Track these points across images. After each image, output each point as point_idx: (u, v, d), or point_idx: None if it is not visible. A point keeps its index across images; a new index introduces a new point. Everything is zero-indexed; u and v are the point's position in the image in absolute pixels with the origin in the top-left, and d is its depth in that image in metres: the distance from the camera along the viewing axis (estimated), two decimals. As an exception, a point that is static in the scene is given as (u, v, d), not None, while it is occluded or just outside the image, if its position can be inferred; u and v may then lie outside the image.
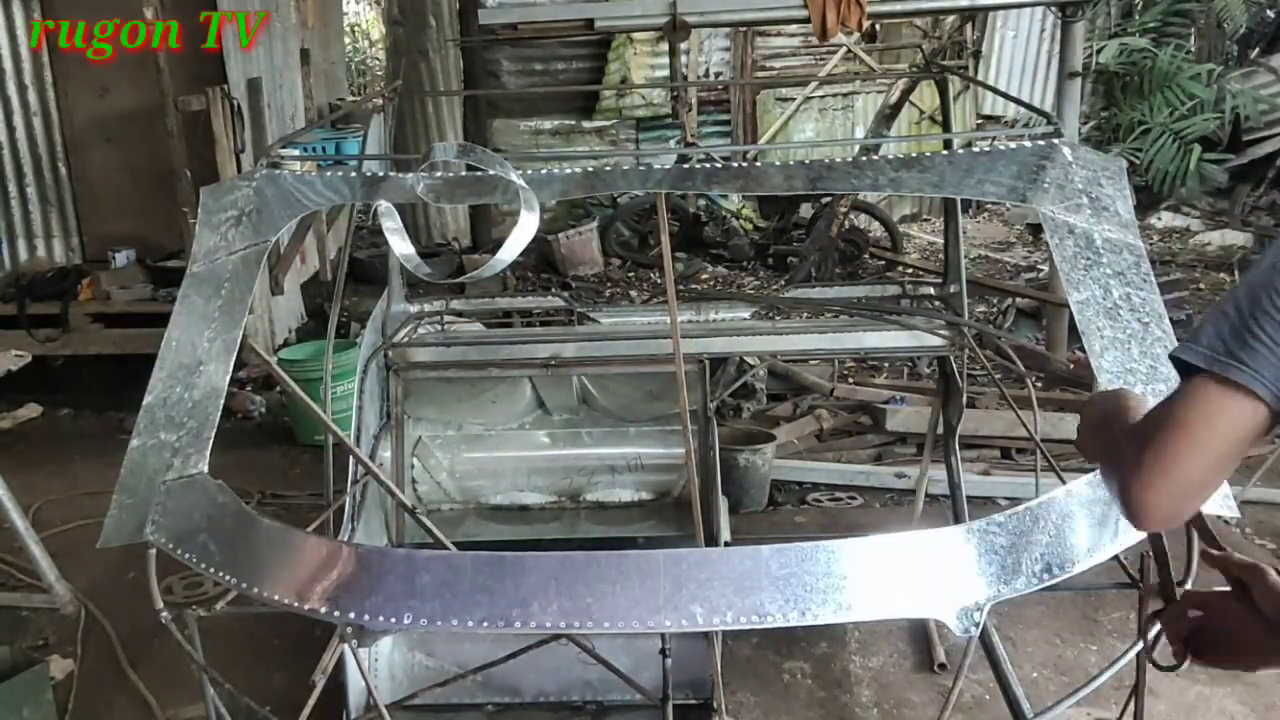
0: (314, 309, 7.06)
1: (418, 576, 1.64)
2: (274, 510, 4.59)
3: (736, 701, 3.25)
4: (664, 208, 2.44)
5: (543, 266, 8.51)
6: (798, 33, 9.33)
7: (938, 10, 6.68)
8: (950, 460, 3.57)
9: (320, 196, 2.52)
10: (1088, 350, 2.02)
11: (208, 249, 2.29)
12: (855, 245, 8.13)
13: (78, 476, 4.95)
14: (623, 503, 3.75)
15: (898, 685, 3.35)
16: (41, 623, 3.83)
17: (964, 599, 1.59)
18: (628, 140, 9.41)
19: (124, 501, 1.92)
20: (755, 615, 1.55)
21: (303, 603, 1.66)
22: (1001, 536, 1.69)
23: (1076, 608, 3.64)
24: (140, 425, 2.01)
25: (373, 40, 16.86)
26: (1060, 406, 4.96)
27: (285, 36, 7.35)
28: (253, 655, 3.42)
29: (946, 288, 3.54)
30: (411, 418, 3.61)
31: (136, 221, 6.44)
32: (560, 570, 1.61)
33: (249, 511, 1.87)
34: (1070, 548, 1.67)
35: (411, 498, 3.65)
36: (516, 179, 2.15)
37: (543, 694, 3.07)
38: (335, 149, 7.28)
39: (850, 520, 4.37)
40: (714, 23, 7.02)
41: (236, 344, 2.11)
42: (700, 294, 7.23)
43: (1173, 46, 8.98)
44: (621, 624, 1.58)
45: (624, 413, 3.73)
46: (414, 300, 3.60)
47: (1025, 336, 6.22)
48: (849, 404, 5.28)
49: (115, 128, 6.41)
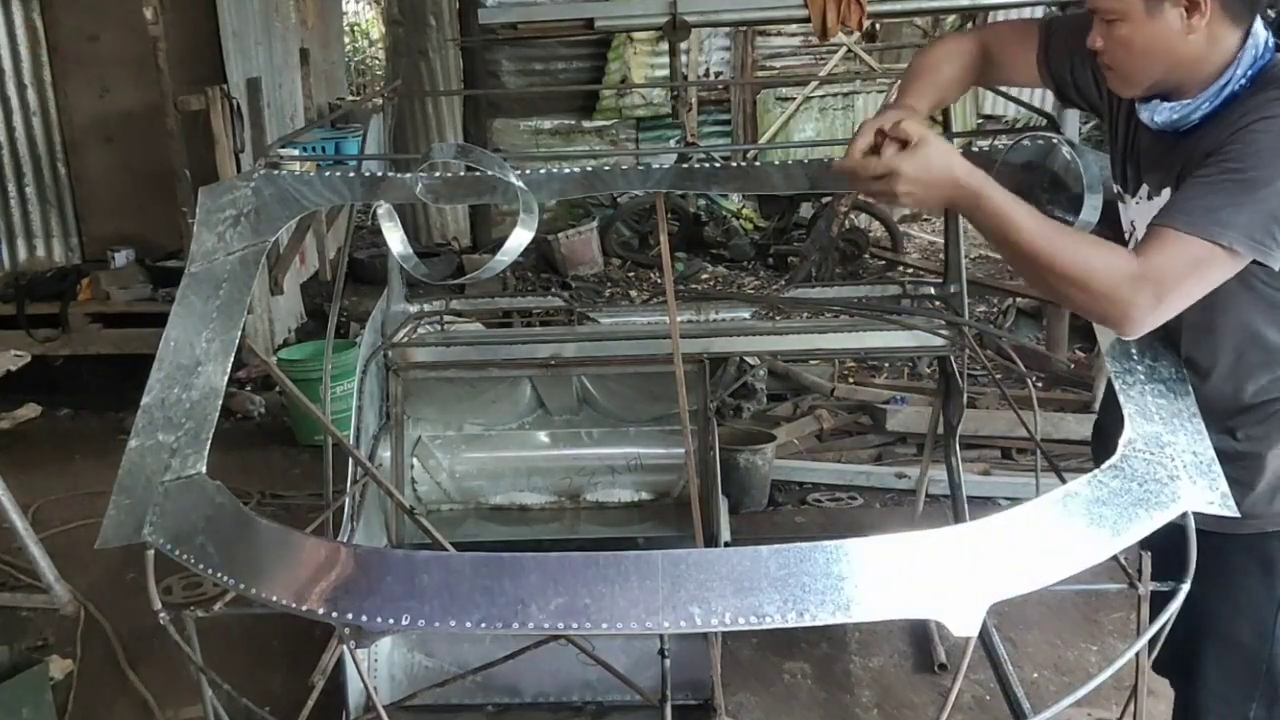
0: (313, 309, 7.05)
1: (417, 577, 1.64)
2: (273, 511, 4.59)
3: (736, 702, 3.24)
4: (664, 208, 2.43)
5: (543, 266, 8.51)
6: (798, 32, 9.33)
7: (938, 10, 6.70)
8: (950, 460, 3.57)
9: (319, 196, 2.51)
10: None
11: (206, 249, 2.28)
12: (855, 245, 8.13)
13: (77, 477, 4.95)
14: (622, 503, 3.75)
15: (898, 686, 3.35)
16: (41, 623, 3.82)
17: (964, 599, 1.59)
18: (628, 140, 9.41)
19: (122, 502, 1.91)
20: (754, 616, 1.55)
21: (301, 604, 1.65)
22: (1001, 536, 1.68)
23: (1076, 608, 3.63)
24: (138, 426, 2.01)
25: (373, 40, 16.88)
26: (1061, 406, 4.96)
27: (285, 36, 7.36)
28: (252, 656, 3.42)
29: (947, 288, 3.54)
30: (411, 418, 3.60)
31: (136, 221, 6.43)
32: (559, 571, 1.61)
33: (247, 512, 1.86)
34: (1070, 548, 1.66)
35: (411, 498, 3.65)
36: (515, 180, 2.15)
37: (542, 694, 3.06)
38: (335, 149, 7.28)
39: (850, 520, 4.37)
40: (714, 22, 7.03)
41: (235, 344, 2.10)
42: (700, 294, 7.23)
43: (1173, 46, 8.96)
44: (620, 625, 1.58)
45: (624, 413, 3.73)
46: (414, 300, 3.60)
47: (1025, 336, 6.22)
48: (849, 404, 5.28)
49: (115, 128, 6.41)
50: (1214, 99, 1.74)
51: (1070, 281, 1.69)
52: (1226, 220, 1.64)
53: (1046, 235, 1.70)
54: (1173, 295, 1.68)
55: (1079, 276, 1.68)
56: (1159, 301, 1.68)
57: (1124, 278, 1.67)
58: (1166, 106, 1.78)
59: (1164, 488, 1.74)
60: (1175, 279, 1.67)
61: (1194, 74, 1.75)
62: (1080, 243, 1.72)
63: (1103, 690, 2.64)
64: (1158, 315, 1.71)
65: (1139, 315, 1.69)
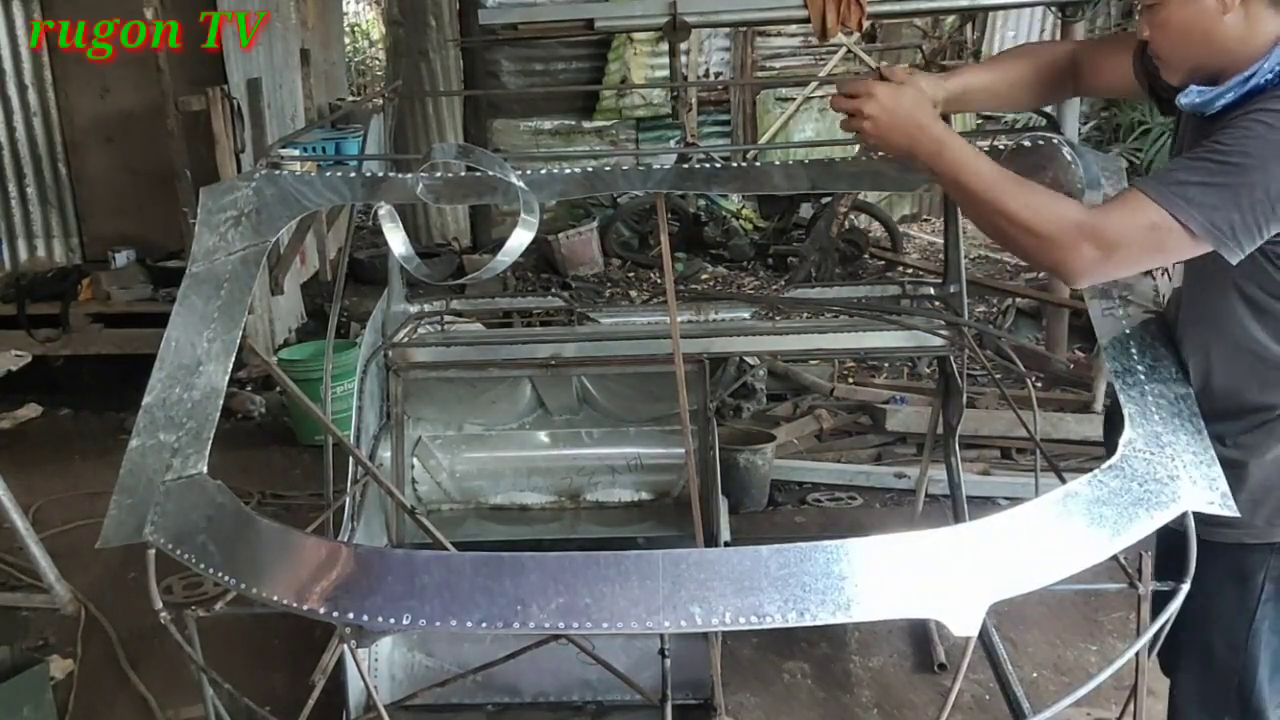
0: (314, 309, 7.06)
1: (417, 577, 1.64)
2: (274, 511, 4.59)
3: (736, 702, 3.25)
4: (664, 208, 2.43)
5: (543, 266, 8.51)
6: (798, 33, 9.32)
7: (938, 10, 6.70)
8: (950, 460, 3.57)
9: (320, 197, 2.51)
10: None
11: (207, 249, 2.28)
12: (855, 245, 8.13)
13: (78, 477, 4.95)
14: (622, 503, 3.75)
15: (898, 686, 3.35)
16: (41, 623, 3.83)
17: (964, 599, 1.59)
18: (628, 140, 9.41)
19: (123, 502, 1.92)
20: (754, 615, 1.55)
21: (302, 603, 1.66)
22: (1001, 536, 1.69)
23: (1076, 608, 3.64)
24: (139, 425, 2.01)
25: (373, 40, 16.87)
26: (1060, 406, 4.96)
27: (285, 36, 7.36)
28: (252, 656, 3.42)
29: (946, 288, 3.54)
30: (411, 418, 3.61)
31: (136, 221, 6.44)
32: (559, 570, 1.61)
33: (248, 512, 1.86)
34: (1070, 547, 1.67)
35: (411, 498, 3.65)
36: (515, 180, 2.15)
37: (542, 694, 3.07)
38: (335, 149, 7.28)
39: (850, 520, 4.37)
40: (714, 23, 7.02)
41: (236, 344, 2.11)
42: (700, 294, 7.22)
43: (1173, 46, 8.95)
44: (620, 624, 1.58)
45: (624, 413, 3.73)
46: (414, 300, 3.60)
47: (1025, 336, 6.22)
48: (849, 404, 5.28)
49: (115, 128, 6.42)
50: (1238, 89, 1.71)
51: (1020, 226, 1.73)
52: (1193, 198, 1.64)
53: (1002, 183, 1.75)
54: (1120, 253, 1.70)
55: (1027, 221, 1.72)
56: (1104, 256, 1.69)
57: (1069, 224, 1.70)
58: (1195, 89, 1.77)
59: (1164, 488, 1.75)
60: (1126, 239, 1.68)
61: (1234, 60, 1.72)
62: (1034, 191, 1.75)
63: (1102, 690, 2.64)
64: (1103, 270, 1.73)
65: (1080, 264, 1.71)
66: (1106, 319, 2.06)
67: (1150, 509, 1.72)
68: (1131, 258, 1.72)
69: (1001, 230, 1.77)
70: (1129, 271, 1.80)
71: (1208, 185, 1.64)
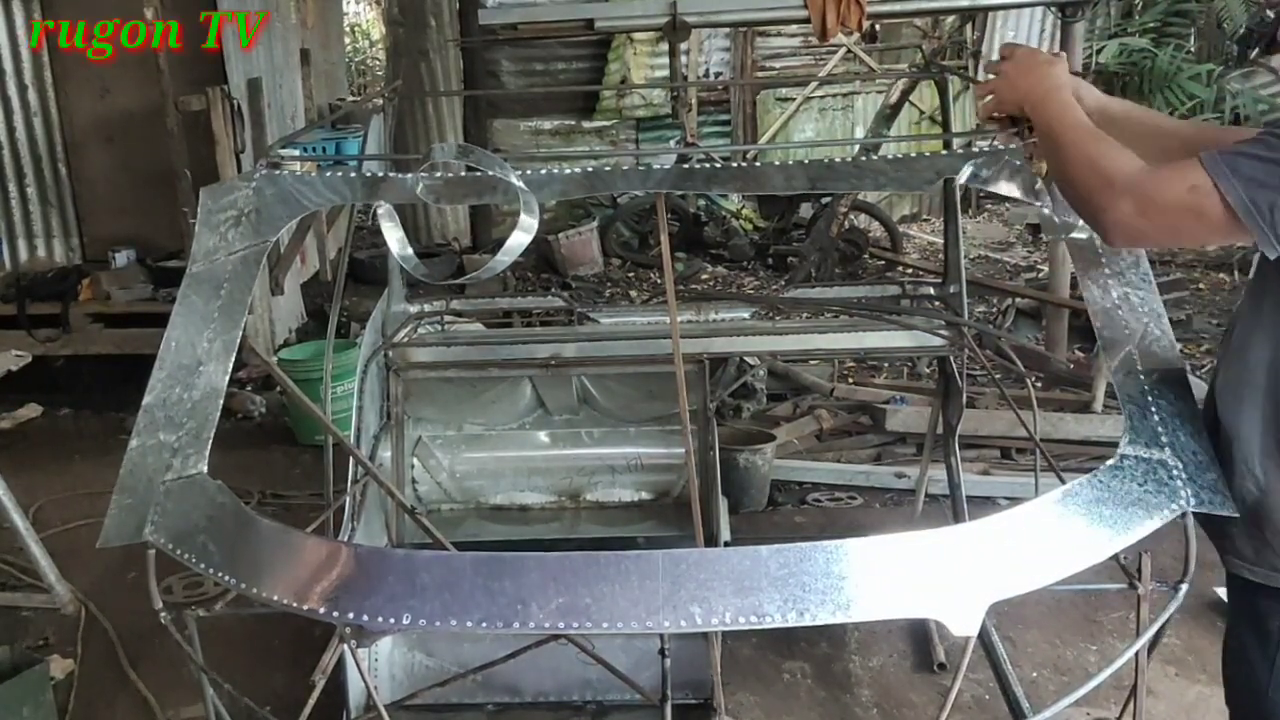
0: (314, 309, 7.06)
1: (417, 577, 1.64)
2: (274, 510, 4.59)
3: (736, 702, 3.25)
4: (664, 208, 2.44)
5: (543, 266, 8.51)
6: (798, 33, 9.33)
7: (938, 10, 6.69)
8: (950, 460, 3.57)
9: (320, 197, 2.51)
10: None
11: (207, 249, 2.29)
12: (855, 245, 8.13)
13: (78, 477, 4.95)
14: (622, 503, 3.76)
15: (898, 685, 3.35)
16: (42, 623, 3.83)
17: (963, 599, 1.59)
18: (628, 140, 9.41)
19: (123, 502, 1.92)
20: (754, 615, 1.55)
21: (302, 603, 1.66)
22: (1001, 536, 1.69)
23: (1076, 608, 3.64)
24: (140, 425, 2.01)
25: (373, 40, 16.88)
26: (1060, 406, 4.96)
27: (285, 36, 7.36)
28: (252, 656, 3.42)
29: (946, 288, 3.54)
30: (411, 418, 3.61)
31: (136, 221, 6.44)
32: (559, 570, 1.61)
33: (248, 512, 1.86)
34: (1070, 547, 1.67)
35: (411, 498, 3.65)
36: (515, 180, 2.15)
37: (542, 694, 3.07)
38: (335, 149, 7.27)
39: (850, 520, 4.37)
40: (714, 23, 7.02)
41: (236, 344, 2.11)
42: (700, 294, 7.23)
43: (1172, 47, 8.98)
44: (621, 624, 1.58)
45: (624, 413, 3.73)
46: (414, 300, 3.60)
47: (1025, 336, 6.22)
48: (849, 404, 5.28)
49: (115, 128, 6.42)
50: None
51: (1085, 168, 1.70)
52: (1239, 168, 1.54)
53: (1088, 135, 1.75)
54: (1153, 213, 1.61)
55: (1091, 163, 1.68)
56: (1139, 212, 1.61)
57: (1122, 176, 1.64)
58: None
59: (1164, 488, 1.75)
60: (1163, 198, 1.60)
61: None
62: (1110, 145, 1.71)
63: (1102, 690, 2.64)
64: (1137, 227, 1.63)
65: (1115, 217, 1.63)
66: (1107, 314, 2.05)
67: (1150, 509, 1.72)
68: (1166, 221, 1.62)
69: (1069, 176, 1.74)
70: (1163, 237, 1.72)
71: (1260, 159, 1.54)
